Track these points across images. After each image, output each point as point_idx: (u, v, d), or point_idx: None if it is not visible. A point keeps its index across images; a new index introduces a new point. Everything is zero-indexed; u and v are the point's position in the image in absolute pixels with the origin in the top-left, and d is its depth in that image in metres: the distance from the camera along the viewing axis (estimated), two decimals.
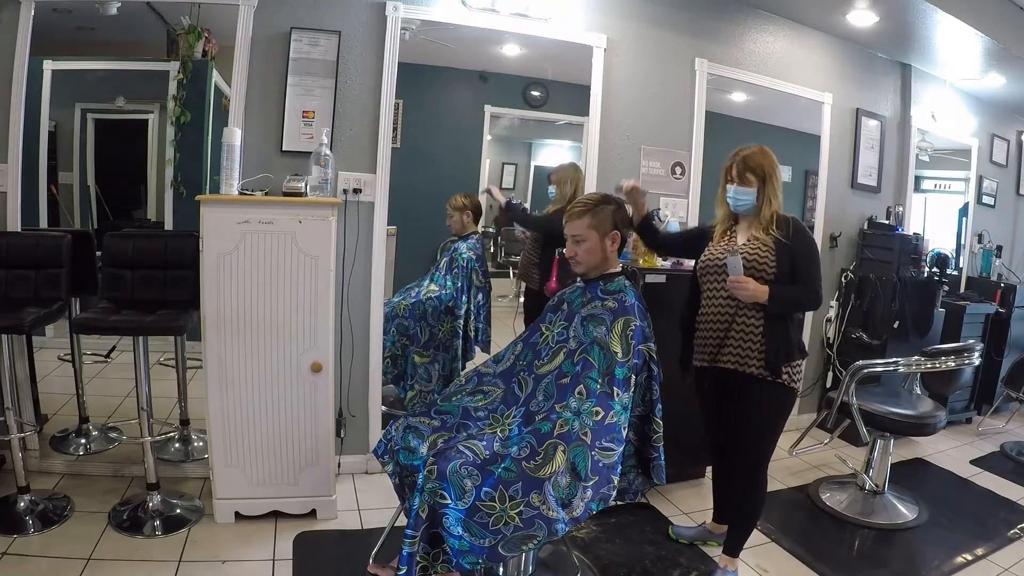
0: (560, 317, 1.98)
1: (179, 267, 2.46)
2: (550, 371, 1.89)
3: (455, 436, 1.83)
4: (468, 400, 1.98)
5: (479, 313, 3.28)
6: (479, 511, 1.59)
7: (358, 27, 2.66)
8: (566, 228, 1.95)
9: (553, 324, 1.98)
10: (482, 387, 2.02)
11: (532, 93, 3.72)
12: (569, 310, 1.96)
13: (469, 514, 1.58)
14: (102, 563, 2.04)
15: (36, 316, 2.19)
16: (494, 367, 2.06)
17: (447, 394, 2.06)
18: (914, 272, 3.66)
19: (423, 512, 1.60)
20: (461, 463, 1.65)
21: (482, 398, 1.98)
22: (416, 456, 1.79)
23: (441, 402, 2.01)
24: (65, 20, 2.78)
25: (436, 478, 1.61)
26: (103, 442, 2.77)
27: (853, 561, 2.49)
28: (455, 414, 1.94)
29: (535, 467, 1.63)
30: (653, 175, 3.25)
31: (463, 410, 1.95)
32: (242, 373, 2.28)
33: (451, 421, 1.92)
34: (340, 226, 2.60)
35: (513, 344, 2.09)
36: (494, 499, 1.59)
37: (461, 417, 1.93)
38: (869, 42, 3.73)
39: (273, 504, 2.39)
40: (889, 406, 2.79)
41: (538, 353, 1.96)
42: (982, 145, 4.62)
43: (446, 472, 1.62)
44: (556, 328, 1.96)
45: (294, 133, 2.61)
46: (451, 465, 1.63)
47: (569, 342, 1.89)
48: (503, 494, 1.60)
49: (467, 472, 1.63)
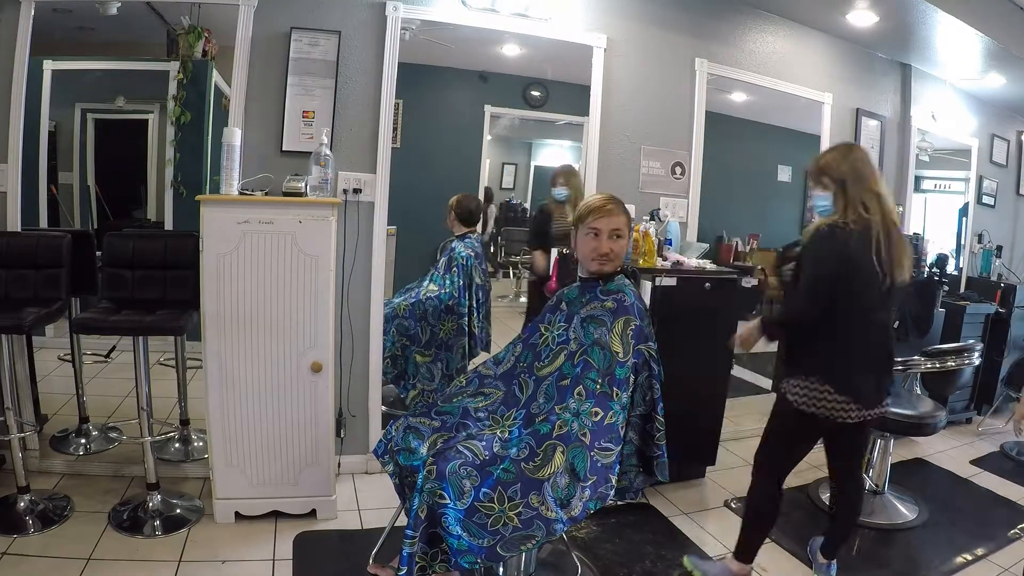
0: (559, 318, 1.97)
1: (179, 267, 2.46)
2: (551, 373, 1.89)
3: (455, 436, 1.83)
4: (469, 401, 1.98)
5: (479, 311, 3.28)
6: (478, 511, 1.59)
7: (358, 27, 2.66)
8: (601, 223, 1.86)
9: (552, 325, 1.98)
10: (483, 389, 2.01)
11: (532, 93, 3.73)
12: (569, 311, 1.96)
13: (468, 514, 1.58)
14: (102, 563, 2.04)
15: (36, 316, 2.19)
16: (494, 368, 2.06)
17: (448, 395, 2.05)
18: (914, 272, 3.66)
19: (422, 512, 1.60)
20: (460, 463, 1.65)
21: (483, 399, 1.97)
22: (416, 457, 1.79)
23: (442, 403, 2.01)
24: (65, 20, 2.78)
25: (435, 478, 1.61)
26: (103, 442, 2.77)
27: (853, 561, 2.48)
28: (455, 414, 1.94)
29: (534, 468, 1.63)
30: (653, 175, 3.25)
31: (463, 410, 1.94)
32: (242, 373, 2.28)
33: (451, 421, 1.92)
34: (340, 226, 2.60)
35: (512, 345, 2.08)
36: (493, 500, 1.59)
37: (461, 417, 1.92)
38: (869, 42, 3.73)
39: (273, 504, 2.39)
40: (889, 406, 2.78)
41: (538, 355, 1.95)
42: (982, 145, 4.62)
43: (445, 472, 1.61)
44: (556, 329, 1.95)
45: (294, 133, 2.61)
46: (450, 465, 1.63)
47: (570, 343, 1.89)
48: (502, 495, 1.60)
49: (466, 472, 1.63)
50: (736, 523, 2.63)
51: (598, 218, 1.87)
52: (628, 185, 3.17)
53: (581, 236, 1.91)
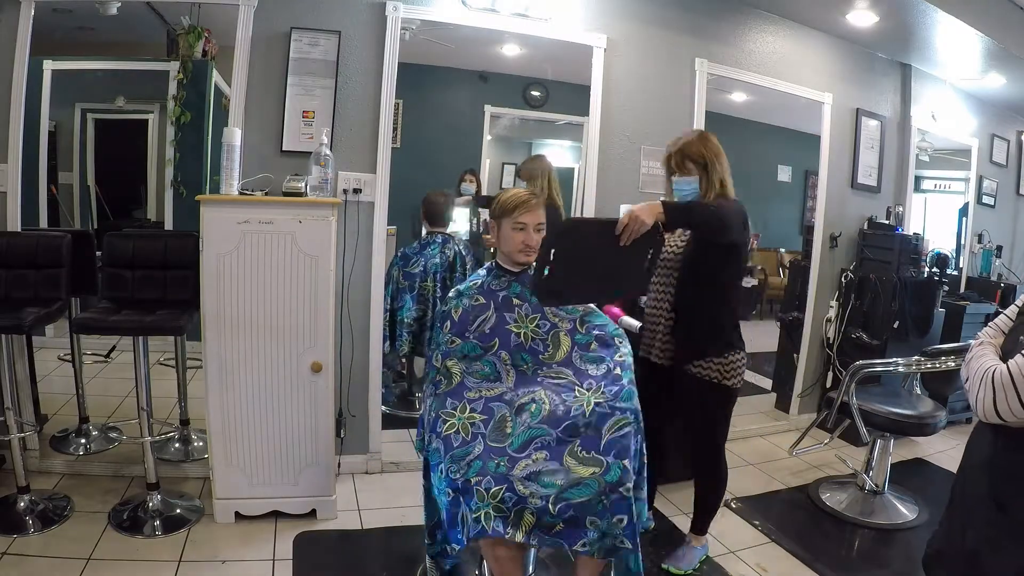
0: (526, 311, 1.93)
1: (179, 267, 2.46)
2: (568, 351, 1.89)
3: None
4: (530, 432, 1.74)
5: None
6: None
7: (358, 27, 2.66)
8: (527, 217, 1.89)
9: (523, 320, 1.91)
10: (512, 405, 1.81)
11: (532, 93, 3.73)
12: (528, 303, 1.93)
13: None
14: (102, 563, 2.04)
15: (36, 316, 2.19)
16: (495, 383, 1.86)
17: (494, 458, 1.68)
18: (914, 272, 3.66)
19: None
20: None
21: (530, 416, 1.77)
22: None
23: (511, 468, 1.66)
24: (65, 20, 2.78)
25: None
26: (103, 442, 2.77)
27: (853, 561, 2.49)
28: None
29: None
30: (653, 175, 3.24)
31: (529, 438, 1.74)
32: (242, 373, 2.28)
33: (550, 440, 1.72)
34: (340, 226, 2.60)
35: (482, 360, 1.88)
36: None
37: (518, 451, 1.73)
38: (869, 42, 3.73)
39: (273, 504, 2.39)
40: (889, 406, 2.79)
41: (534, 350, 1.92)
42: (982, 145, 4.62)
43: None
44: (530, 323, 1.91)
45: (294, 133, 2.61)
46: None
47: (559, 324, 1.91)
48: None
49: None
50: (736, 523, 2.65)
51: (525, 212, 1.90)
52: (628, 185, 3.17)
53: (506, 230, 1.92)
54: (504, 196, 1.96)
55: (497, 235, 1.97)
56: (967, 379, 1.29)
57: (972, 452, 1.40)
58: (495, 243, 2.00)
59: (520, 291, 1.95)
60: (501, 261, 1.99)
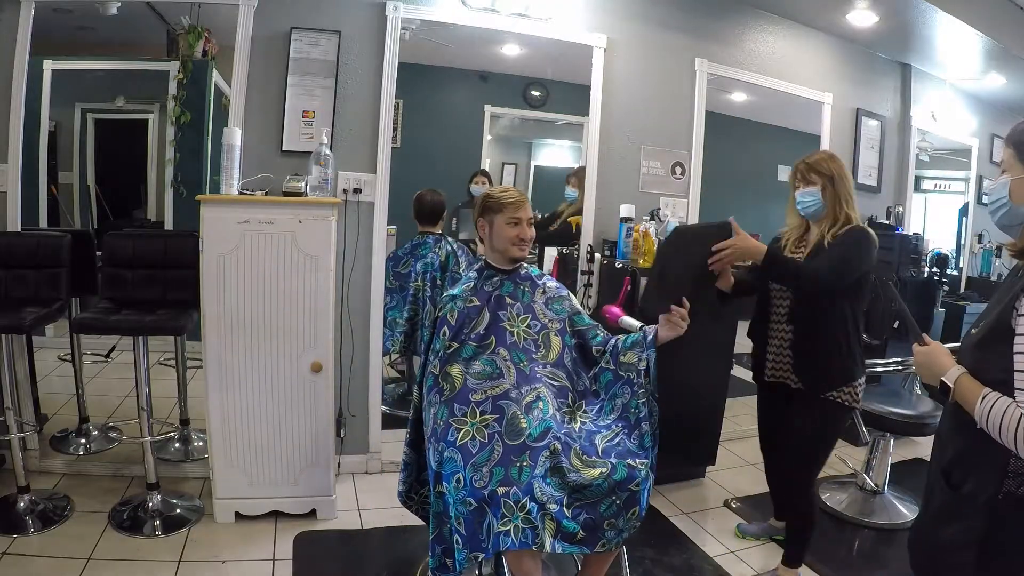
0: (516, 311, 1.92)
1: (179, 267, 2.46)
2: (559, 352, 1.91)
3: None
4: (546, 424, 1.75)
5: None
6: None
7: (358, 27, 2.66)
8: (522, 212, 1.91)
9: (515, 319, 1.92)
10: (520, 402, 1.79)
11: (532, 93, 3.73)
12: (522, 302, 1.94)
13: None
14: (102, 563, 2.04)
15: (36, 316, 2.19)
16: (496, 380, 1.84)
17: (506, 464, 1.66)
18: (914, 272, 3.66)
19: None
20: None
21: (537, 410, 1.79)
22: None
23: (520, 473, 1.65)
24: (65, 20, 2.78)
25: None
26: (103, 442, 2.77)
27: (853, 561, 2.48)
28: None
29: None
30: (653, 175, 3.25)
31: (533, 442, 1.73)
32: (242, 373, 2.28)
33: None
34: (340, 226, 2.60)
35: (480, 358, 1.86)
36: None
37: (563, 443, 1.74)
38: (869, 42, 3.73)
39: (273, 504, 2.39)
40: (889, 406, 2.78)
41: (527, 349, 1.89)
42: (982, 145, 4.62)
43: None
44: (522, 323, 1.92)
45: (294, 133, 2.61)
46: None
47: (549, 325, 1.93)
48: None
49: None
50: (737, 522, 2.64)
51: (518, 208, 1.92)
52: (628, 185, 3.17)
53: (501, 225, 1.90)
54: (495, 192, 1.96)
55: (489, 232, 1.93)
56: (990, 429, 1.17)
57: (939, 433, 1.42)
58: (485, 241, 1.97)
59: (512, 290, 1.94)
60: (492, 260, 1.96)
